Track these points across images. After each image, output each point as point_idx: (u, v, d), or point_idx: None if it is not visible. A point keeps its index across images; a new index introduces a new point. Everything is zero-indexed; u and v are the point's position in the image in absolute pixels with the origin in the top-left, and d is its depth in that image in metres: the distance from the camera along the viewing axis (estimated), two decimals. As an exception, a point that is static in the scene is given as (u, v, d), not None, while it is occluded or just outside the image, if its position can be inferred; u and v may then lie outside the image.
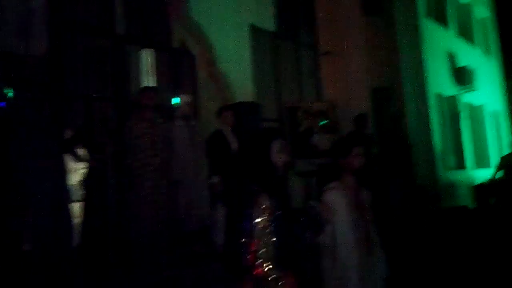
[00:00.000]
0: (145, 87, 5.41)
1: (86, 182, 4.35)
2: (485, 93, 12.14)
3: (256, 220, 2.24)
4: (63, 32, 5.13)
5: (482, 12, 13.34)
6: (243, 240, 2.22)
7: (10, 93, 3.91)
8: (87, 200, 4.29)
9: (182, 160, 4.50)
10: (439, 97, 9.86)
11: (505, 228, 5.31)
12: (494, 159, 12.56)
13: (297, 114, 6.92)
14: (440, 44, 10.21)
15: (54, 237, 4.05)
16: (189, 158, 4.54)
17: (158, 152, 4.30)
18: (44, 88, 4.77)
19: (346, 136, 4.10)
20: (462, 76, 10.43)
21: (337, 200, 2.70)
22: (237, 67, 6.99)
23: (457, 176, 10.03)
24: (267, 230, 2.25)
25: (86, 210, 4.27)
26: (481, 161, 11.84)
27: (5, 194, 3.78)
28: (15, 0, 4.72)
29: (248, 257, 2.20)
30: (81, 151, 4.46)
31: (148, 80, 6.42)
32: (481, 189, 8.33)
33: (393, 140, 6.57)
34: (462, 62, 10.77)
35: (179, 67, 6.55)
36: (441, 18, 10.74)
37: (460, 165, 10.62)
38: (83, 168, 4.40)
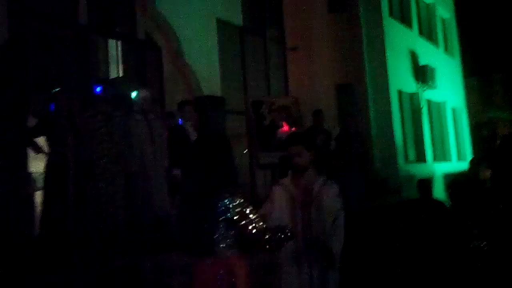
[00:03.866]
0: (99, 78, 5.41)
1: (46, 172, 4.35)
2: (446, 91, 12.64)
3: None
4: (24, 21, 5.07)
5: (444, 12, 13.84)
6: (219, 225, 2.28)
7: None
8: (46, 190, 4.30)
9: (140, 153, 4.58)
10: (401, 93, 10.22)
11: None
12: (454, 153, 13.16)
13: (262, 108, 7.06)
14: (402, 42, 10.56)
15: (15, 226, 4.06)
16: (147, 151, 4.62)
17: (114, 145, 4.36)
18: (4, 78, 4.72)
19: (291, 133, 4.20)
20: (423, 74, 10.83)
21: (277, 196, 2.79)
22: (203, 61, 7.06)
23: (417, 169, 10.43)
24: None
25: (45, 200, 4.28)
26: (441, 155, 12.36)
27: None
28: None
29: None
30: (41, 142, 4.45)
31: (113, 71, 6.42)
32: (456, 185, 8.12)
33: (352, 135, 6.80)
34: (423, 60, 11.18)
35: (145, 60, 6.56)
36: (404, 17, 11.10)
37: (421, 158, 11.04)
38: (43, 158, 4.40)
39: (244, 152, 7.54)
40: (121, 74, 6.55)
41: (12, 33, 4.84)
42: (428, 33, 12.51)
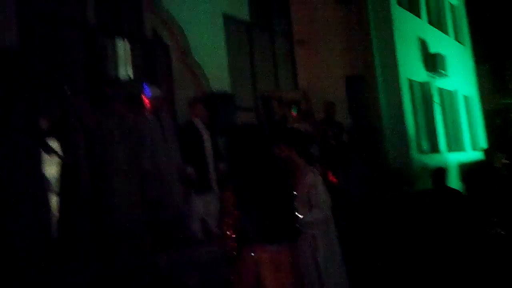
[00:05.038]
0: (109, 79, 5.42)
1: (60, 174, 4.38)
2: (457, 79, 12.46)
3: None
4: (34, 24, 5.09)
5: (453, -1, 13.63)
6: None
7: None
8: (61, 192, 4.33)
9: (153, 152, 4.59)
10: (412, 83, 10.09)
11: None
12: (468, 142, 12.98)
13: (271, 103, 7.02)
14: (411, 31, 10.42)
15: (34, 229, 4.09)
16: (160, 149, 4.63)
17: (127, 144, 4.37)
18: (16, 81, 4.75)
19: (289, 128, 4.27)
20: (433, 62, 10.69)
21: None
22: (211, 57, 7.03)
23: (431, 159, 10.31)
24: None
25: (61, 202, 4.31)
26: (455, 144, 12.20)
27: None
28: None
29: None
30: (54, 144, 4.48)
31: (121, 71, 6.42)
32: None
33: (364, 127, 6.74)
34: (433, 48, 11.02)
35: (153, 58, 6.55)
36: (412, 5, 10.94)
37: (434, 148, 10.91)
38: (56, 161, 4.43)
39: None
40: (130, 74, 6.56)
41: (22, 36, 4.86)
42: (437, 20, 12.33)
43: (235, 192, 2.38)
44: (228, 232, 2.35)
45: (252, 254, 2.32)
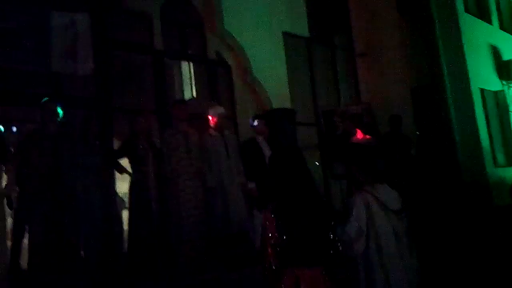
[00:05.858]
0: (176, 100, 5.64)
1: (130, 192, 4.61)
2: (535, 86, 11.56)
3: None
4: (106, 51, 5.47)
5: (527, 2, 12.74)
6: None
7: (60, 111, 4.23)
8: (132, 209, 4.54)
9: (218, 168, 4.69)
10: (484, 92, 9.51)
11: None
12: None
13: (333, 117, 6.93)
14: (482, 38, 9.85)
15: (107, 244, 4.33)
16: (224, 166, 4.72)
17: (193, 162, 4.50)
18: (91, 104, 5.12)
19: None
20: (507, 70, 10.01)
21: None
22: (272, 75, 7.12)
23: (508, 173, 9.59)
24: None
25: (131, 219, 4.52)
26: (534, 157, 11.24)
27: (60, 205, 4.08)
28: (63, 25, 5.13)
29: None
30: (124, 163, 4.74)
31: (187, 92, 6.69)
32: None
33: (435, 139, 6.40)
34: (507, 55, 10.34)
35: (216, 78, 6.76)
36: (482, 12, 10.37)
37: (511, 161, 10.14)
38: (127, 179, 4.67)
39: (316, 163, 7.42)
40: (194, 94, 6.81)
41: (97, 63, 5.24)
42: (510, 26, 11.56)
43: (275, 212, 2.44)
44: (269, 250, 2.43)
45: (293, 272, 2.38)
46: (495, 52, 10.23)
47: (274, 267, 2.41)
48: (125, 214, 4.87)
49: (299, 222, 2.38)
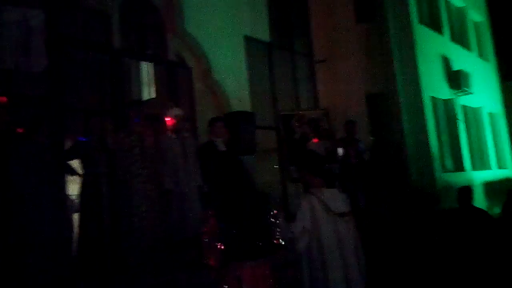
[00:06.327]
0: (132, 100, 5.55)
1: (81, 194, 4.49)
2: (482, 96, 12.23)
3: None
4: (61, 48, 5.30)
5: (476, 16, 13.47)
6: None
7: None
8: (82, 211, 4.43)
9: (174, 171, 4.66)
10: (435, 100, 9.97)
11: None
12: (493, 160, 12.64)
13: (292, 121, 7.05)
14: (434, 48, 10.34)
15: (55, 247, 4.19)
16: (181, 168, 4.69)
17: (147, 164, 4.45)
18: (44, 103, 4.94)
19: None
20: (457, 79, 10.54)
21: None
22: (233, 78, 7.14)
23: (456, 178, 10.08)
24: None
25: (82, 221, 4.40)
26: (480, 162, 11.89)
27: (6, 206, 3.91)
28: (15, 19, 4.92)
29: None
30: (75, 164, 4.61)
31: (146, 93, 6.59)
32: None
33: (388, 144, 6.67)
34: (457, 66, 10.88)
35: (176, 79, 6.70)
36: (434, 23, 10.88)
37: (459, 167, 10.67)
38: (78, 180, 4.55)
39: (275, 167, 7.52)
40: (154, 95, 6.72)
41: (50, 60, 5.06)
42: (460, 37, 12.19)
43: (216, 212, 2.63)
44: (211, 251, 2.63)
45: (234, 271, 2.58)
46: (446, 62, 10.75)
47: (217, 267, 2.54)
48: (75, 217, 4.73)
49: (239, 216, 2.58)
